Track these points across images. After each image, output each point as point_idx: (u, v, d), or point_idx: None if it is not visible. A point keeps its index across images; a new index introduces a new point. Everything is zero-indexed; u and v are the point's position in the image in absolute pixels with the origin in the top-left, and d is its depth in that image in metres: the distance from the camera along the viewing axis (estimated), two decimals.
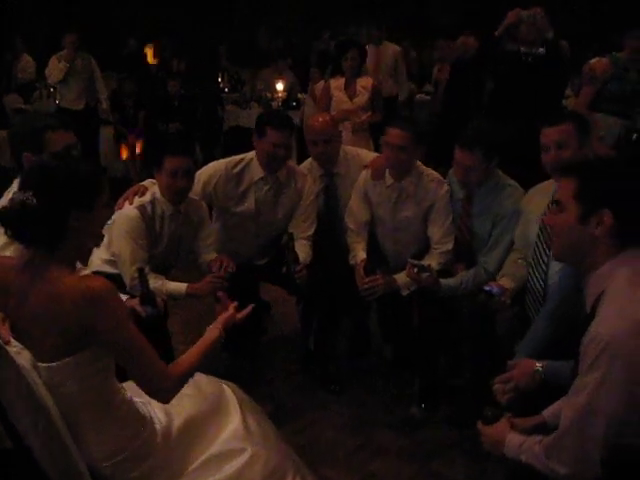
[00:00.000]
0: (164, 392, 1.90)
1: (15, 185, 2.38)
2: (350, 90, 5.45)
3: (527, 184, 3.22)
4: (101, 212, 1.92)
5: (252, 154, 3.54)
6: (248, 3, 12.09)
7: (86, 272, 2.31)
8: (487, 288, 2.95)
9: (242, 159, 3.55)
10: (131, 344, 1.82)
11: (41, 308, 1.78)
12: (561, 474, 1.77)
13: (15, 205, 1.77)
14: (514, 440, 1.94)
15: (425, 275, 3.12)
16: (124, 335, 1.81)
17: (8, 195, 2.32)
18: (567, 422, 1.76)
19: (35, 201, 1.75)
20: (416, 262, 3.17)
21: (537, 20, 4.69)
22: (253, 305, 2.31)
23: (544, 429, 1.98)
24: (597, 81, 4.62)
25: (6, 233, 1.81)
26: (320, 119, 3.73)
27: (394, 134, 3.30)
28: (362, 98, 5.42)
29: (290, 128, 3.49)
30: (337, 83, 5.50)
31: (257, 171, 3.52)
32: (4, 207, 1.86)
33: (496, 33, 4.92)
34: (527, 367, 2.22)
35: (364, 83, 5.47)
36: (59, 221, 1.79)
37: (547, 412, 2.06)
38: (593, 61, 4.74)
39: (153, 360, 1.86)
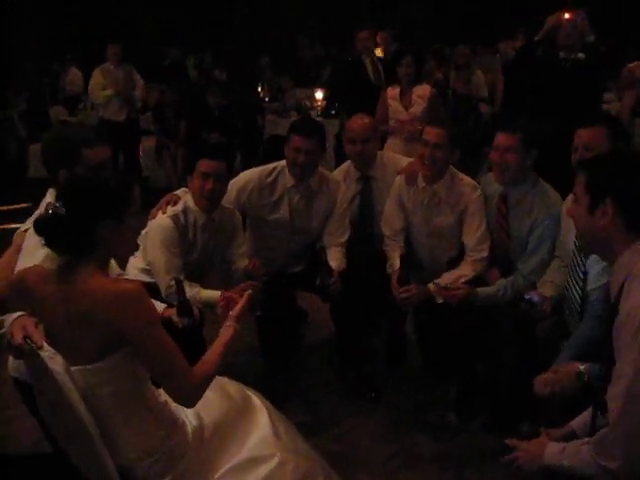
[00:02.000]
0: (189, 394, 1.92)
1: (48, 196, 2.44)
2: (405, 100, 5.27)
3: (565, 189, 3.16)
4: (131, 222, 1.97)
5: (284, 162, 3.55)
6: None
7: None
8: (527, 297, 2.91)
9: (275, 167, 3.57)
10: (157, 345, 1.85)
11: (74, 311, 1.83)
12: (612, 469, 1.72)
13: (47, 213, 1.88)
14: (555, 447, 1.92)
15: (452, 290, 3.15)
16: (150, 336, 1.84)
17: (42, 205, 2.38)
18: (615, 412, 1.72)
19: (64, 210, 1.85)
20: (439, 282, 3.22)
21: (577, 23, 4.61)
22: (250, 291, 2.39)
23: (574, 439, 1.95)
24: (639, 83, 4.52)
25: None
26: (360, 120, 3.76)
27: (431, 132, 3.35)
28: (418, 108, 5.22)
29: (317, 136, 3.46)
30: (393, 92, 5.34)
31: (289, 179, 3.53)
32: (39, 215, 1.96)
33: (536, 38, 4.86)
34: (570, 369, 2.21)
35: (421, 92, 5.29)
36: (87, 230, 1.87)
37: (575, 422, 2.03)
38: (632, 64, 4.64)
39: (179, 362, 1.88)
